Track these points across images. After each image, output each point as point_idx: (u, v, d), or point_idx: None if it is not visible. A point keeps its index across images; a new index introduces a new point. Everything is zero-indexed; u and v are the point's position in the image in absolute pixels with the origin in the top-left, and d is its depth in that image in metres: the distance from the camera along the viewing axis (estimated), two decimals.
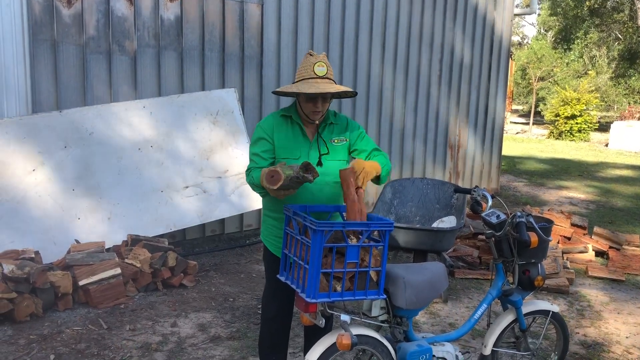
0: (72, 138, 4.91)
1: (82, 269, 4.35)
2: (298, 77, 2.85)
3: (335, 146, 2.92)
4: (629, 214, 8.79)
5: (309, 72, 2.80)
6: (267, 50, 6.40)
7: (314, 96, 2.78)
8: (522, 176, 12.01)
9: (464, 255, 5.76)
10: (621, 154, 17.81)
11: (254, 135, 2.95)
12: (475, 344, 4.02)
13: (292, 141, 2.88)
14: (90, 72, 5.30)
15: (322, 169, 2.84)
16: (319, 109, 2.81)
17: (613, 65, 29.81)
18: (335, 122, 2.96)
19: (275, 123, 2.91)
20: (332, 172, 2.86)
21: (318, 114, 2.84)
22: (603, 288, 5.36)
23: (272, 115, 2.97)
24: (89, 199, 4.91)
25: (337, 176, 2.79)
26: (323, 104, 2.82)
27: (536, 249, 3.07)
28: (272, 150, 2.88)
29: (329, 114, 2.95)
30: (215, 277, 5.20)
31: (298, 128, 2.91)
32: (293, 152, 2.86)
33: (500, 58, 9.30)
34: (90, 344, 3.77)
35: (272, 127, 2.89)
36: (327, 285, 2.51)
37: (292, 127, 2.90)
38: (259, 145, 2.89)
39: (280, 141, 2.87)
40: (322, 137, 2.90)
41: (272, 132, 2.88)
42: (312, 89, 2.72)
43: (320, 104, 2.80)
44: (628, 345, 4.17)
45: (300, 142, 2.88)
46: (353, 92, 2.95)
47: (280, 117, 2.93)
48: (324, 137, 2.90)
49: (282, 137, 2.88)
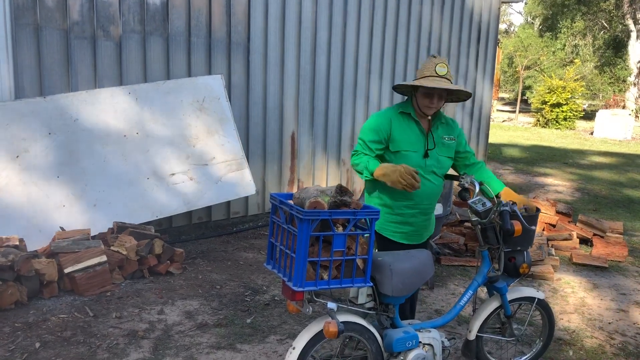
0: (57, 124, 4.85)
1: (68, 257, 4.33)
2: (419, 75, 3.13)
3: (446, 143, 3.21)
4: (613, 201, 8.89)
5: (430, 71, 3.08)
6: (254, 36, 6.35)
7: (431, 92, 3.06)
8: (508, 164, 12.09)
9: (450, 243, 5.80)
10: (606, 142, 17.99)
11: (370, 121, 3.18)
12: (461, 330, 4.06)
13: (412, 136, 3.14)
14: (75, 57, 5.22)
15: (430, 162, 3.13)
16: (434, 105, 3.09)
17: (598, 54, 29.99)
18: (444, 122, 3.25)
19: (394, 119, 3.15)
20: (441, 165, 3.18)
21: (433, 109, 3.12)
22: (587, 275, 5.43)
23: (389, 111, 3.21)
24: (74, 186, 4.86)
25: (442, 169, 3.18)
26: (438, 101, 3.10)
27: (521, 237, 3.10)
28: (382, 143, 3.12)
29: (440, 113, 3.24)
30: (202, 264, 5.19)
31: (415, 124, 3.16)
32: (413, 145, 3.12)
33: (487, 46, 9.32)
34: (76, 331, 3.75)
35: (389, 122, 3.14)
36: (313, 273, 2.51)
37: (410, 123, 3.16)
38: (371, 134, 3.12)
39: (400, 135, 3.12)
40: (433, 132, 3.18)
41: (390, 126, 3.13)
42: (432, 84, 3.00)
43: (435, 100, 3.08)
44: (611, 330, 4.24)
45: (419, 137, 3.15)
46: (467, 92, 3.21)
47: (400, 114, 3.18)
48: (437, 133, 3.19)
49: (402, 132, 3.13)
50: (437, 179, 3.20)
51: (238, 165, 5.61)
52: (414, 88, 3.12)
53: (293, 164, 6.94)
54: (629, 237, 6.79)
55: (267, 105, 6.58)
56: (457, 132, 3.30)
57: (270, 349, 3.66)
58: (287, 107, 6.75)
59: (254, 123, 6.48)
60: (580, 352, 3.84)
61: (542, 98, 22.09)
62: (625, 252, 5.92)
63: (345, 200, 2.57)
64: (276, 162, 6.77)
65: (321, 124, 7.14)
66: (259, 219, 6.70)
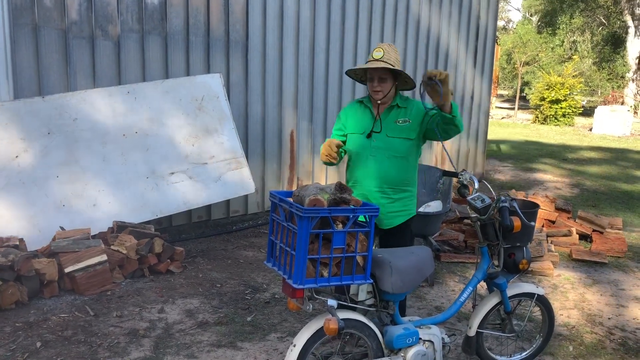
0: (56, 124, 4.85)
1: (68, 256, 4.33)
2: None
3: (399, 126, 3.22)
4: (612, 197, 8.90)
5: (370, 57, 3.20)
6: (252, 34, 6.35)
7: (371, 76, 3.20)
8: (507, 161, 12.09)
9: (449, 239, 5.80)
10: (605, 138, 17.99)
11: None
12: (462, 326, 4.06)
13: (358, 120, 3.30)
14: (73, 57, 5.22)
15: (375, 143, 3.20)
16: (376, 88, 3.19)
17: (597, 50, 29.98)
18: (402, 106, 3.27)
19: (350, 107, 3.40)
20: (391, 147, 3.20)
21: (379, 94, 3.21)
22: (586, 271, 5.44)
23: (351, 103, 3.44)
24: (74, 186, 4.87)
25: (396, 151, 3.19)
26: (380, 84, 3.18)
27: (521, 233, 3.10)
28: (342, 129, 3.37)
29: (397, 97, 3.28)
30: (202, 263, 5.20)
31: (367, 109, 3.31)
32: (357, 128, 3.29)
33: (485, 43, 9.32)
34: (77, 330, 3.76)
35: (346, 111, 3.40)
36: (313, 271, 2.52)
37: (363, 108, 3.33)
38: (335, 124, 3.43)
39: (349, 120, 3.35)
40: (383, 116, 3.25)
41: (346, 114, 3.38)
42: (362, 65, 3.16)
43: (376, 83, 3.18)
44: (610, 326, 4.25)
45: (365, 120, 3.28)
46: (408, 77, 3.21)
47: (356, 102, 3.40)
48: (388, 117, 3.24)
49: (352, 117, 3.35)
50: (385, 160, 3.20)
51: (237, 164, 5.62)
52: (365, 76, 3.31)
53: (292, 162, 6.95)
54: (628, 232, 6.80)
55: (266, 103, 6.58)
56: (414, 112, 3.24)
57: (271, 346, 3.67)
58: (286, 105, 6.75)
59: (253, 121, 6.48)
60: (580, 348, 3.85)
61: (540, 94, 22.08)
62: (625, 248, 5.93)
63: (344, 197, 2.57)
64: (275, 160, 6.77)
65: (320, 122, 7.14)
66: (259, 217, 6.70)
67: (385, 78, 3.18)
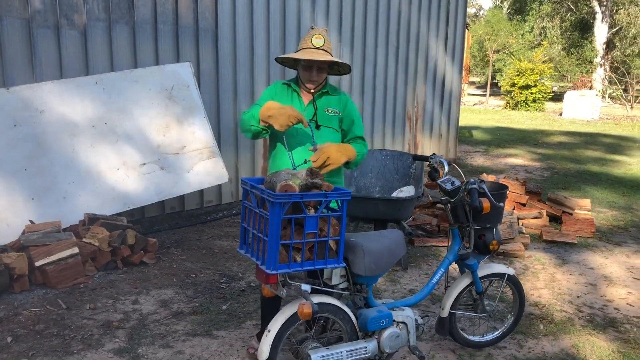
0: (22, 116, 4.75)
1: (38, 250, 4.26)
2: (298, 48, 3.12)
3: (328, 115, 3.13)
4: (581, 179, 9.08)
5: (307, 43, 3.06)
6: (222, 22, 6.29)
7: (309, 64, 3.05)
8: (478, 146, 12.24)
9: (423, 224, 5.86)
10: (574, 122, 18.31)
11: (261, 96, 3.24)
12: (435, 308, 4.12)
13: (288, 103, 3.11)
14: (38, 47, 5.11)
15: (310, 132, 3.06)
16: (314, 78, 3.08)
17: (566, 36, 30.41)
18: (332, 94, 3.18)
19: (277, 88, 3.19)
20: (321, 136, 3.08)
21: (314, 83, 3.10)
22: (557, 251, 5.55)
23: (276, 83, 3.25)
24: (43, 179, 4.78)
25: (327, 140, 3.04)
26: (318, 74, 3.08)
27: (490, 214, 3.15)
28: None
29: (327, 86, 3.19)
30: (176, 253, 5.17)
31: (296, 94, 3.16)
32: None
33: (456, 29, 9.38)
34: (49, 324, 3.71)
35: (274, 90, 3.18)
36: (286, 256, 2.52)
37: (291, 93, 3.17)
38: (260, 99, 3.15)
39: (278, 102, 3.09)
40: (316, 104, 3.13)
41: (274, 94, 3.16)
42: (306, 56, 2.99)
43: (315, 72, 3.07)
44: (579, 304, 4.35)
45: (294, 106, 3.11)
46: (347, 66, 3.17)
47: (282, 85, 3.21)
48: (317, 105, 3.13)
49: (280, 100, 3.14)
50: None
51: (210, 154, 5.58)
52: (296, 61, 3.16)
53: (265, 151, 6.93)
54: (596, 213, 6.95)
55: (238, 92, 6.53)
56: (345, 108, 3.18)
57: (247, 334, 3.67)
58: (258, 93, 6.71)
59: (224, 110, 6.43)
60: (550, 326, 3.94)
61: (511, 81, 22.35)
62: (593, 228, 6.06)
63: (316, 182, 2.58)
64: (248, 149, 6.74)
65: None
66: (233, 207, 6.68)
67: (324, 68, 3.09)
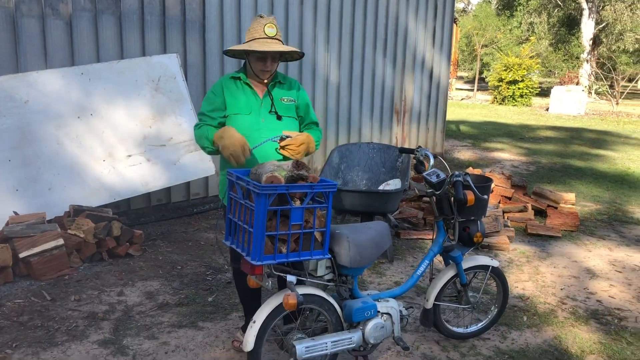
0: (6, 107, 4.70)
1: (23, 241, 4.23)
2: (248, 38, 3.00)
3: (285, 104, 3.10)
4: (566, 173, 9.16)
5: (259, 32, 2.96)
6: (209, 13, 6.25)
7: (264, 55, 2.96)
8: (465, 140, 12.30)
9: (409, 217, 5.89)
10: (560, 117, 18.45)
11: (207, 94, 3.12)
12: (420, 300, 4.15)
13: (242, 99, 3.05)
14: (22, 37, 5.06)
15: (271, 125, 3.03)
16: (268, 68, 3.00)
17: (553, 32, 30.57)
18: (284, 82, 3.14)
19: (225, 84, 3.07)
20: (283, 128, 3.03)
21: (267, 73, 3.03)
22: (541, 244, 5.61)
23: (222, 79, 3.13)
24: (27, 170, 4.74)
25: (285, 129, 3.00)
26: (272, 64, 3.01)
27: (474, 207, 3.18)
28: (221, 110, 3.06)
29: (277, 74, 3.13)
30: (162, 245, 5.16)
31: (248, 87, 3.07)
32: (243, 108, 3.04)
33: (444, 23, 9.39)
34: (34, 315, 3.69)
35: (221, 88, 3.06)
36: (272, 247, 2.53)
37: (242, 87, 3.08)
38: (206, 105, 3.07)
39: (231, 99, 3.05)
40: (272, 94, 3.07)
41: (222, 92, 3.05)
42: (263, 47, 2.90)
43: (269, 63, 2.99)
44: (562, 296, 4.40)
45: (250, 100, 3.05)
46: (300, 53, 3.11)
47: (230, 79, 3.10)
48: (273, 95, 3.07)
49: (233, 96, 3.05)
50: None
51: (196, 146, 5.55)
52: (246, 52, 3.01)
53: None
54: (581, 207, 7.02)
55: None
56: (298, 95, 3.16)
57: (233, 325, 3.68)
58: None
59: None
60: (534, 318, 3.99)
61: (498, 76, 22.47)
62: (577, 222, 6.13)
63: (302, 174, 2.59)
64: None
65: None
66: (220, 199, 6.65)
67: (277, 57, 3.03)
